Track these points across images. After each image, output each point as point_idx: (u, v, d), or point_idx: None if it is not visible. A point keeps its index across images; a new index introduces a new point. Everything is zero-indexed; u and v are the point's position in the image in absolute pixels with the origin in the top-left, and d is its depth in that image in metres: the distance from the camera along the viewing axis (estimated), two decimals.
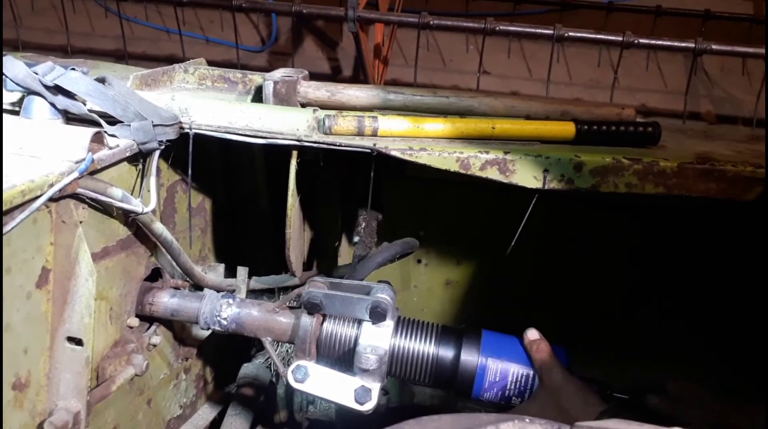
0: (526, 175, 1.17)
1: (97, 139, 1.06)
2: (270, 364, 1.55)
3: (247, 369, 1.52)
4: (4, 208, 0.86)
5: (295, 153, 1.24)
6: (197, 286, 1.38)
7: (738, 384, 1.40)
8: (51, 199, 0.94)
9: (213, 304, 1.21)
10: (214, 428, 1.54)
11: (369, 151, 1.19)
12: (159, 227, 1.18)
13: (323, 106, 1.31)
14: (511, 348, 1.16)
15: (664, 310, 1.58)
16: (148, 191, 1.17)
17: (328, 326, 1.16)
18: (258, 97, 1.41)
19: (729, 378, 1.48)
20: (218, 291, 1.30)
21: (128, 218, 1.15)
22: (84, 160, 0.99)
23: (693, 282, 1.53)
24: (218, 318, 1.21)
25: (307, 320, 1.15)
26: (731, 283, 1.50)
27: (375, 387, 1.09)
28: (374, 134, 1.21)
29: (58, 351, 1.03)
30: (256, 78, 1.46)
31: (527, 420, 0.60)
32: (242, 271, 1.45)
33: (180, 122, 1.20)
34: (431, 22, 1.88)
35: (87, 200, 1.03)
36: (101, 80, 1.13)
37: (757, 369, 1.35)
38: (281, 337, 1.21)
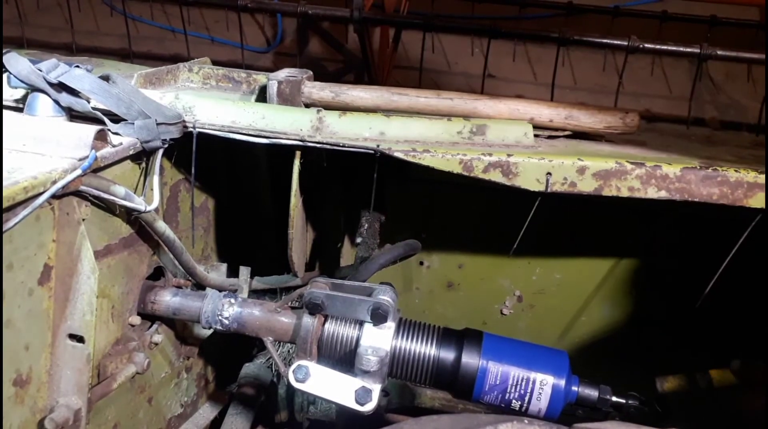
0: (528, 178, 1.16)
1: (101, 137, 1.06)
2: (271, 364, 1.55)
3: (248, 368, 1.52)
4: (8, 204, 0.86)
5: (298, 153, 1.24)
6: (199, 286, 1.38)
7: None
8: (54, 196, 0.94)
9: (215, 303, 1.21)
10: (214, 427, 1.54)
11: (372, 151, 1.19)
12: (161, 226, 1.18)
13: (327, 107, 1.31)
14: (512, 351, 1.15)
15: (667, 314, 1.58)
16: (151, 190, 1.17)
17: (330, 327, 1.16)
18: (262, 96, 1.41)
19: None
20: (220, 290, 1.30)
21: (131, 216, 1.15)
22: (87, 157, 1.00)
23: (697, 285, 1.52)
24: (220, 317, 1.21)
25: (308, 320, 1.15)
26: (737, 286, 1.49)
27: (376, 388, 1.08)
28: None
29: (59, 348, 1.03)
30: (261, 78, 1.46)
31: (526, 421, 0.60)
32: (244, 271, 1.45)
33: (184, 121, 1.20)
34: (436, 24, 1.89)
35: (90, 198, 1.03)
36: (105, 78, 1.13)
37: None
38: (282, 337, 1.21)
